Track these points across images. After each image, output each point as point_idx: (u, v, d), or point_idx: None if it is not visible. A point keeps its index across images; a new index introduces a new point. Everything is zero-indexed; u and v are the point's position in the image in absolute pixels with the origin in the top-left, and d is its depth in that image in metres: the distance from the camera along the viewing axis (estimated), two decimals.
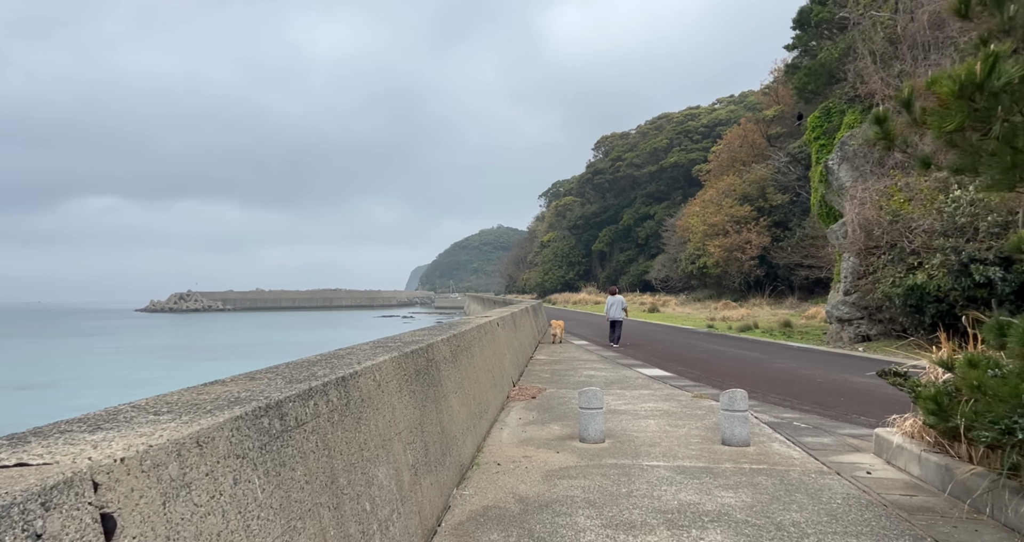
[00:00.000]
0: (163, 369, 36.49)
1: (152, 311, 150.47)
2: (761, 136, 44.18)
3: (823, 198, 18.24)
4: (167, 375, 31.49)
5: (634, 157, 77.40)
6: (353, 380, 3.10)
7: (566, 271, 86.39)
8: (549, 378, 10.88)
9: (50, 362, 42.79)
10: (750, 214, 39.55)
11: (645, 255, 71.66)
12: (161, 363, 40.49)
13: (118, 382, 30.38)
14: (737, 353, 14.82)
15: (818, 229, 34.44)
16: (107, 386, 28.86)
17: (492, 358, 8.17)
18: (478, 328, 7.58)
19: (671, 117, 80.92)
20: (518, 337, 12.34)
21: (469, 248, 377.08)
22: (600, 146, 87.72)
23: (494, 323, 9.26)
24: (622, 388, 9.74)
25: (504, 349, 9.78)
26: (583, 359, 13.98)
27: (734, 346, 16.70)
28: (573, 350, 16.16)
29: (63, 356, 47.11)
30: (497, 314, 10.56)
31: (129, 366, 38.87)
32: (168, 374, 32.15)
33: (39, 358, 46.05)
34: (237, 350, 47.12)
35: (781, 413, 7.68)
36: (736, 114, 66.63)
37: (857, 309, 16.72)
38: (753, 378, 10.64)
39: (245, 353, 44.35)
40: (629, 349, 16.42)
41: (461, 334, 6.38)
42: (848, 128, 16.77)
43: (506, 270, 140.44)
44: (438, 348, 5.16)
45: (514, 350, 11.09)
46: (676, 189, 71.71)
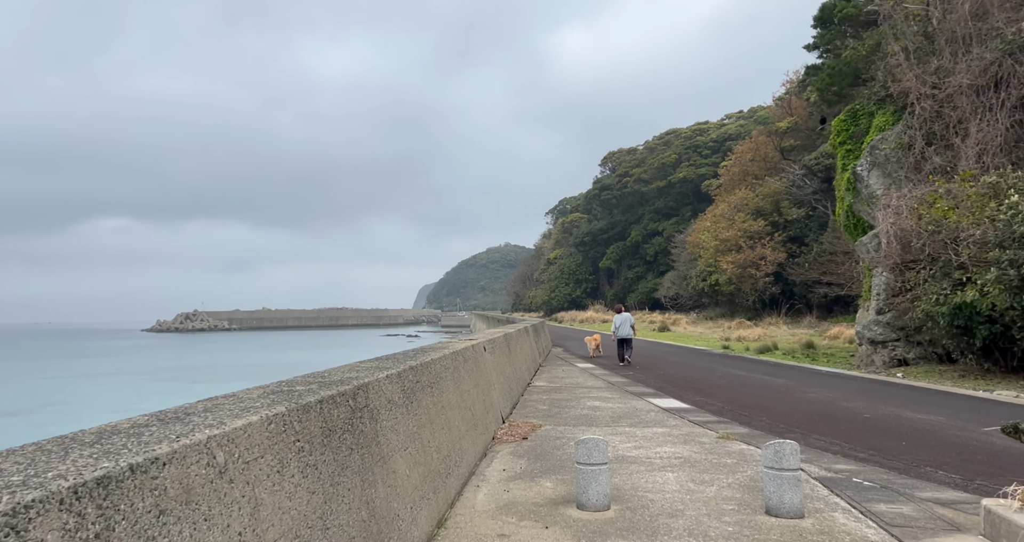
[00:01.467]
0: (155, 393, 35.08)
1: (158, 331, 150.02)
2: (774, 149, 42.80)
3: (850, 208, 16.75)
4: (156, 400, 30.05)
5: (642, 173, 76.22)
6: (141, 480, 1.64)
7: (573, 289, 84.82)
8: (546, 411, 9.35)
9: (41, 386, 41.54)
10: (764, 229, 38.01)
11: (654, 272, 70.06)
12: (153, 386, 39.14)
13: (105, 407, 28.93)
14: (761, 379, 13.22)
15: (837, 244, 32.85)
16: (93, 412, 27.39)
17: (473, 392, 6.69)
18: (453, 356, 6.12)
19: (679, 132, 79.90)
20: (512, 362, 10.85)
21: (476, 266, 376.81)
22: (607, 162, 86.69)
23: (479, 347, 7.79)
24: (632, 425, 8.20)
25: (492, 378, 8.30)
26: (587, 386, 12.43)
27: (755, 370, 15.10)
28: (576, 374, 14.61)
29: (57, 379, 45.92)
30: (485, 336, 9.10)
31: (121, 390, 37.51)
32: (158, 399, 30.71)
33: (32, 382, 44.85)
34: (238, 372, 45.75)
35: (833, 463, 6.12)
36: (746, 128, 65.43)
37: (892, 330, 15.10)
38: (786, 412, 9.07)
39: (246, 375, 42.97)
40: (639, 373, 14.84)
41: (424, 365, 4.92)
42: (878, 131, 15.34)
43: (512, 288, 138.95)
44: (377, 389, 3.70)
45: (506, 378, 9.59)
46: (685, 205, 70.31)
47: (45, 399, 33.55)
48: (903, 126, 14.52)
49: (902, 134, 14.53)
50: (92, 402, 31.70)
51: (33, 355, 75.69)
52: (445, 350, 6.16)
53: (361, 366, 4.30)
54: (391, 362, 4.64)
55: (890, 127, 15.03)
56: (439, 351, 6.02)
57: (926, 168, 14.12)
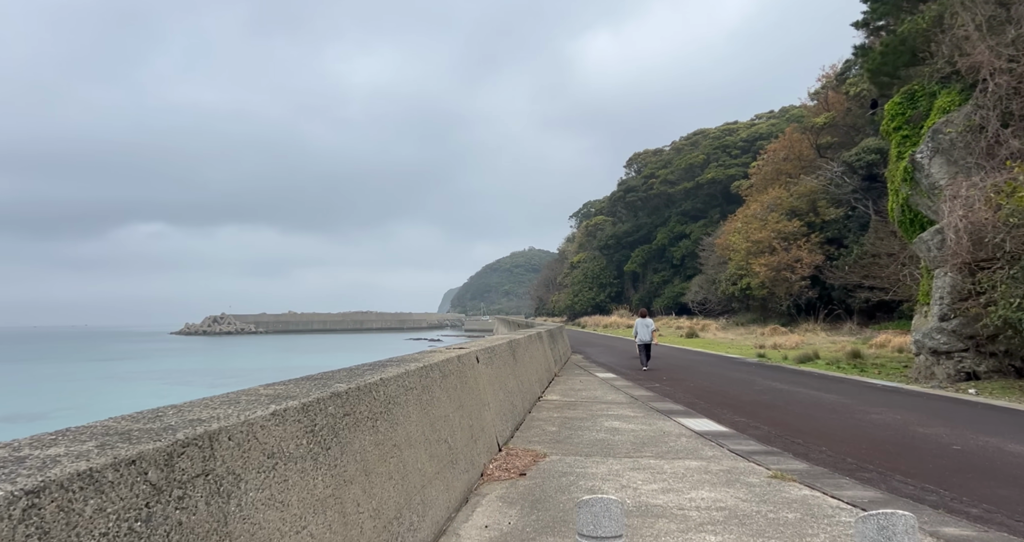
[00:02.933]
0: (168, 397, 34.41)
1: (186, 334, 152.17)
2: (810, 146, 40.57)
3: (906, 202, 14.88)
4: (165, 402, 29.24)
5: (668, 174, 74.10)
6: None
7: (596, 293, 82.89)
8: (555, 434, 7.83)
9: (58, 389, 41.39)
10: (800, 230, 35.84)
11: (681, 276, 67.83)
12: (170, 390, 38.59)
13: (115, 410, 28.29)
14: (808, 394, 11.48)
15: (880, 245, 30.62)
16: (103, 416, 26.76)
17: (453, 417, 5.21)
18: (422, 371, 4.66)
19: (707, 133, 77.62)
20: (518, 374, 9.35)
21: (500, 270, 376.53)
22: (632, 163, 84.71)
23: (468, 358, 6.32)
24: (659, 455, 6.64)
25: (487, 395, 6.82)
26: (607, 400, 10.86)
27: (800, 383, 13.33)
28: (595, 386, 13.03)
29: (82, 381, 45.87)
30: (483, 343, 7.62)
31: (135, 393, 36.98)
32: (167, 402, 29.90)
33: (58, 384, 44.80)
34: (254, 376, 45.10)
35: (939, 524, 4.47)
36: (778, 127, 62.96)
37: (959, 338, 13.20)
38: (849, 439, 7.40)
39: (261, 378, 42.22)
40: (666, 385, 13.20)
41: (362, 389, 3.46)
42: (941, 113, 13.49)
43: (536, 292, 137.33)
44: (243, 439, 2.26)
45: (507, 394, 8.10)
46: (713, 207, 67.99)
47: (57, 404, 33.09)
48: (973, 106, 12.67)
49: (971, 115, 12.68)
50: (102, 405, 31.08)
51: (64, 357, 76.71)
52: (412, 364, 4.69)
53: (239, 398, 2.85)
54: (302, 387, 3.19)
55: (956, 108, 13.18)
56: (402, 365, 4.56)
57: (1001, 153, 12.26)
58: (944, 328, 13.35)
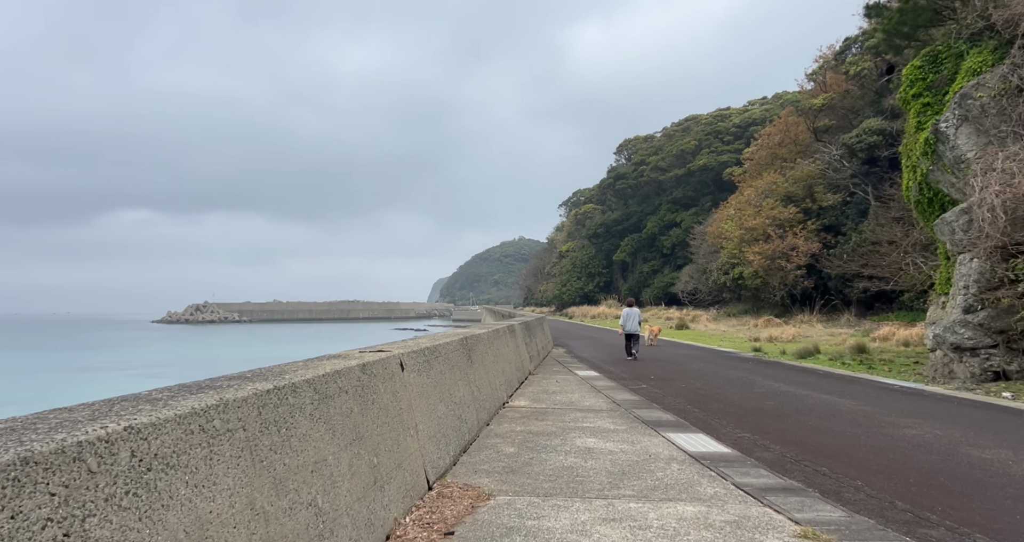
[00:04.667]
0: (126, 390, 32.43)
1: (168, 322, 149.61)
2: (807, 130, 38.93)
3: (925, 179, 13.22)
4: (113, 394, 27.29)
5: (659, 161, 72.40)
6: None
7: (585, 282, 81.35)
8: (511, 458, 6.11)
9: (27, 380, 39.24)
10: (796, 216, 34.29)
11: (671, 266, 66.40)
12: (131, 382, 36.58)
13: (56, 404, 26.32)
14: (820, 399, 9.85)
15: (881, 232, 29.10)
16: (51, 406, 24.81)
17: (337, 461, 3.43)
18: (273, 397, 2.89)
19: (699, 119, 75.90)
20: (472, 379, 7.60)
21: (490, 260, 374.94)
22: (623, 150, 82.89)
23: (387, 365, 4.55)
24: (642, 496, 4.93)
25: (413, 416, 5.06)
26: (584, 407, 9.16)
27: (806, 384, 11.71)
28: (573, 388, 11.33)
29: (33, 373, 43.64)
30: (408, 347, 5.83)
31: (92, 386, 34.97)
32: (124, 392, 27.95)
33: (22, 376, 42.59)
34: (227, 367, 43.12)
35: None
36: (772, 113, 61.34)
37: (986, 333, 11.62)
38: (890, 468, 5.73)
39: (233, 369, 40.22)
40: (654, 385, 11.54)
41: (112, 438, 1.69)
42: (971, 75, 11.80)
43: (524, 282, 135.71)
44: None
45: (453, 407, 6.35)
46: (705, 194, 66.46)
47: (18, 395, 31.03)
48: (1009, 66, 11.00)
49: (1008, 76, 11.01)
50: (53, 400, 29.10)
51: (33, 346, 74.20)
52: (257, 384, 2.91)
53: None
54: None
55: (988, 69, 11.50)
56: (227, 389, 2.78)
57: None
58: (969, 321, 11.76)
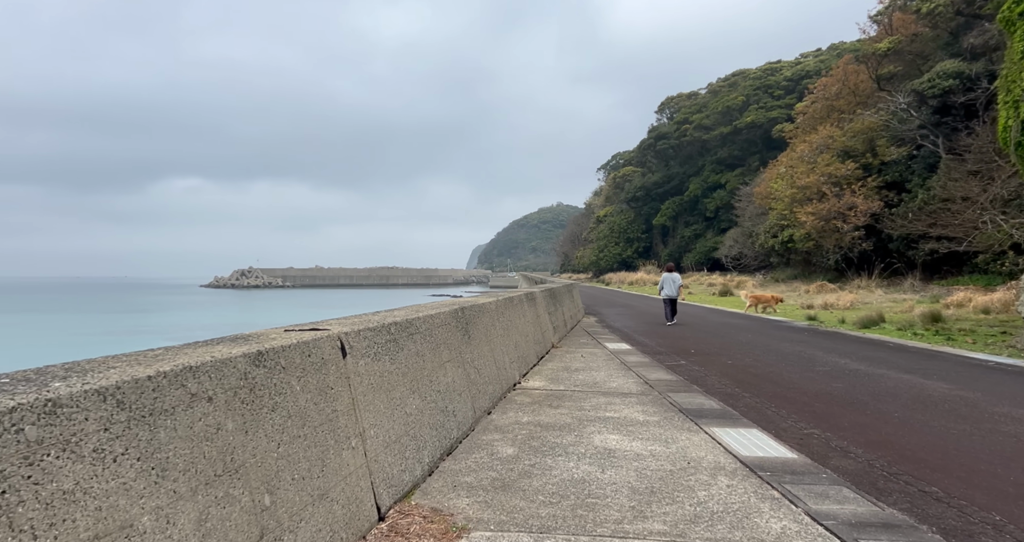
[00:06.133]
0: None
1: (215, 287, 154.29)
2: (868, 78, 35.43)
3: None
4: None
5: (703, 119, 68.59)
6: None
7: (623, 248, 78.96)
8: (508, 464, 4.70)
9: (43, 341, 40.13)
10: (854, 173, 31.39)
11: (714, 230, 63.49)
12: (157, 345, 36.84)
13: None
14: (901, 380, 8.13)
15: (954, 188, 26.21)
16: None
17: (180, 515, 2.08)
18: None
19: (747, 74, 71.35)
20: (469, 360, 6.17)
21: (528, 226, 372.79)
22: (664, 108, 78.98)
23: (318, 347, 3.15)
24: (674, 536, 3.45)
25: (356, 421, 3.66)
26: (609, 390, 7.69)
27: (877, 360, 9.94)
28: (600, 364, 9.86)
29: (69, 335, 44.63)
30: (347, 325, 4.40)
31: (127, 348, 35.32)
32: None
33: (60, 338, 43.65)
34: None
35: None
36: (827, 64, 56.86)
37: None
38: None
39: None
40: (694, 361, 9.98)
41: None
42: None
43: (561, 248, 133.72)
44: None
45: (433, 398, 4.93)
46: (752, 154, 62.80)
47: (57, 356, 31.53)
48: None
49: None
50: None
51: (89, 308, 76.85)
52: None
53: None
54: None
55: None
56: None
57: None
58: None
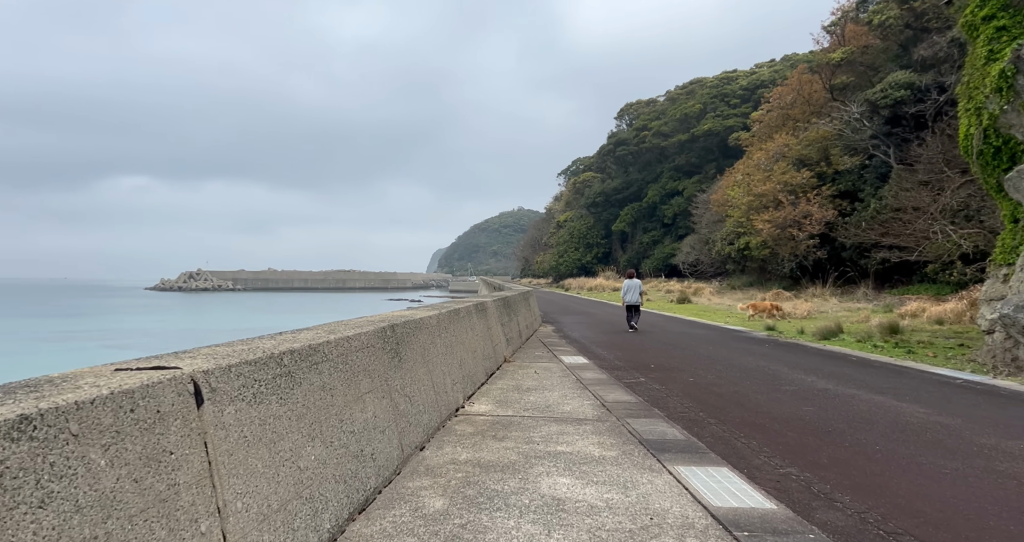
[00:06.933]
0: (86, 362, 30.26)
1: (161, 290, 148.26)
2: (822, 88, 35.99)
3: (994, 122, 10.72)
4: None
5: (661, 125, 69.19)
6: None
7: (583, 253, 78.95)
8: (432, 525, 3.78)
9: None
10: (809, 181, 31.70)
11: (672, 236, 63.96)
12: (98, 354, 34.49)
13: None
14: (875, 403, 7.58)
15: (904, 198, 26.59)
16: None
17: None
18: None
19: (704, 82, 72.36)
20: (400, 385, 5.24)
21: (488, 230, 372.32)
22: (624, 114, 79.46)
23: (156, 397, 2.21)
24: None
25: (219, 491, 2.72)
26: (562, 415, 6.87)
27: (844, 377, 9.45)
28: (555, 382, 9.05)
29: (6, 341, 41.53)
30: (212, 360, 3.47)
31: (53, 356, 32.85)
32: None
33: None
34: (204, 337, 41.03)
35: None
36: (781, 74, 58.04)
37: None
38: None
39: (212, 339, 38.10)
40: (655, 378, 9.28)
41: None
42: None
43: (521, 253, 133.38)
44: None
45: (329, 452, 3.99)
46: (709, 161, 63.58)
47: None
48: None
49: None
50: (16, 371, 27.00)
51: (20, 312, 72.23)
52: None
53: None
54: None
55: None
56: None
57: None
58: None
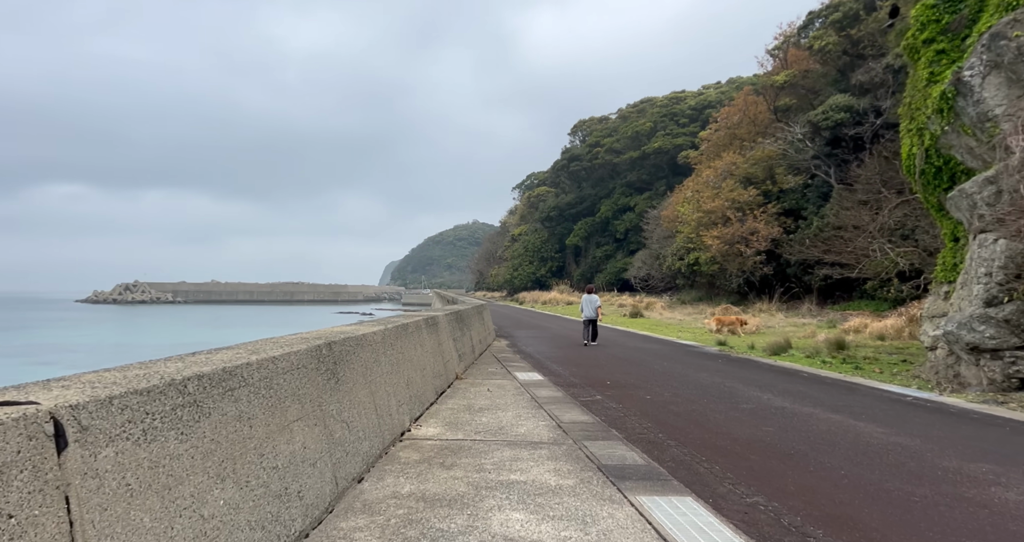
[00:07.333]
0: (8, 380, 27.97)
1: (94, 302, 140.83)
2: (767, 109, 37.20)
3: (935, 143, 11.01)
4: None
5: (614, 142, 70.35)
6: None
7: (537, 267, 79.08)
8: None
9: None
10: (756, 199, 32.53)
11: (624, 251, 64.77)
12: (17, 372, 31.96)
13: None
14: (833, 422, 7.46)
15: (845, 216, 27.53)
16: None
17: None
18: None
19: (654, 101, 74.11)
20: (337, 410, 4.69)
21: (443, 243, 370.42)
22: (577, 131, 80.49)
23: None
24: None
25: None
26: (516, 438, 6.43)
27: (801, 395, 9.38)
28: (509, 401, 8.60)
29: None
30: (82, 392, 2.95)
31: None
32: None
33: None
34: (137, 353, 38.66)
35: None
36: (727, 95, 60.02)
37: (1014, 331, 9.50)
38: None
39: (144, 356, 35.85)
40: (611, 396, 8.97)
41: None
42: (1003, 11, 9.54)
43: (476, 266, 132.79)
44: None
45: (242, 495, 3.45)
46: (659, 178, 64.91)
47: None
48: None
49: None
50: None
51: None
52: None
53: None
54: None
55: None
56: None
57: None
58: (992, 316, 9.61)
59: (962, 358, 10.57)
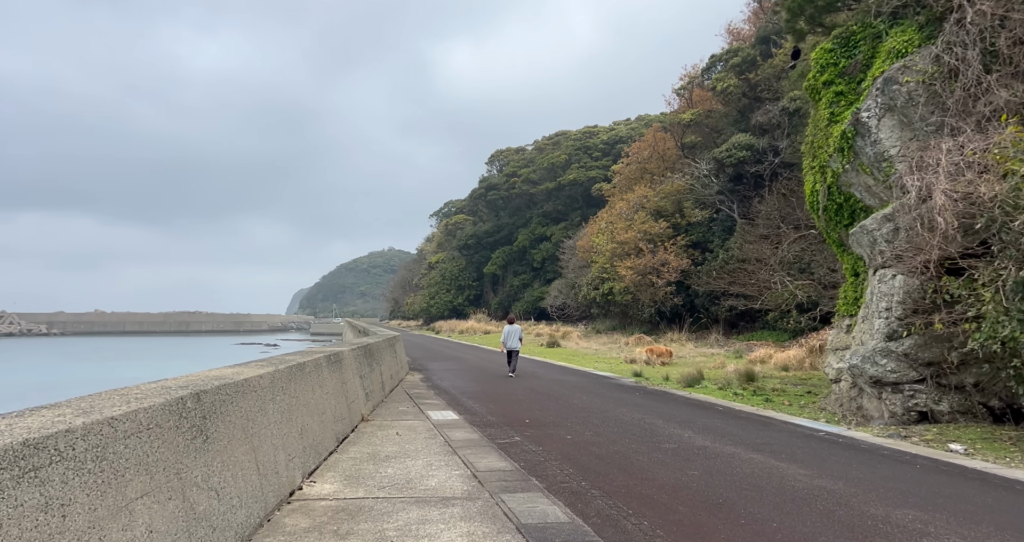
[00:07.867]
0: None
1: None
2: (675, 145, 38.95)
3: (836, 181, 11.51)
4: None
5: (530, 173, 71.47)
6: None
7: (455, 295, 78.12)
8: None
9: None
10: (666, 231, 33.64)
11: (541, 280, 65.26)
12: None
13: None
14: (756, 464, 7.24)
15: (747, 250, 28.88)
16: None
17: None
18: None
19: (569, 134, 76.28)
20: (200, 477, 3.81)
21: (357, 270, 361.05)
22: (495, 160, 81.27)
23: None
24: None
25: None
26: (425, 493, 5.69)
27: (720, 432, 9.21)
28: (419, 447, 7.81)
29: None
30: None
31: None
32: None
33: None
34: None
35: None
36: (637, 131, 62.68)
37: (912, 365, 9.86)
38: None
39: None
40: (530, 436, 8.39)
41: None
42: (894, 58, 10.17)
43: (392, 294, 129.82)
44: None
45: None
46: (575, 209, 66.36)
47: None
48: (942, 45, 9.41)
49: (940, 57, 9.41)
50: None
51: None
52: None
53: None
54: None
55: (915, 49, 9.92)
56: None
57: (978, 109, 9.03)
58: (892, 350, 9.95)
59: (865, 391, 10.89)
